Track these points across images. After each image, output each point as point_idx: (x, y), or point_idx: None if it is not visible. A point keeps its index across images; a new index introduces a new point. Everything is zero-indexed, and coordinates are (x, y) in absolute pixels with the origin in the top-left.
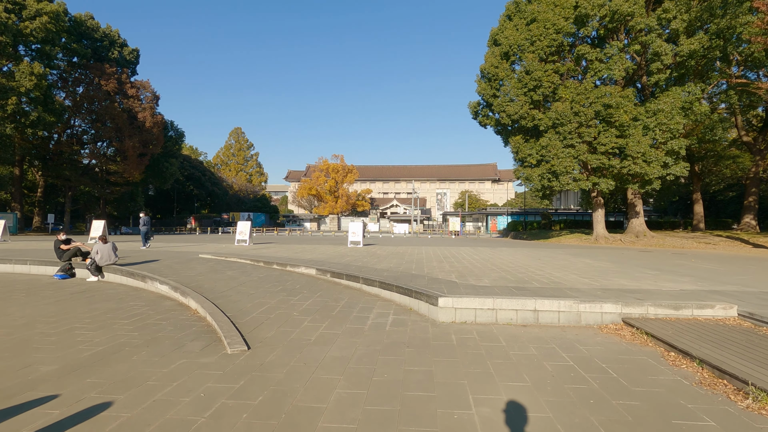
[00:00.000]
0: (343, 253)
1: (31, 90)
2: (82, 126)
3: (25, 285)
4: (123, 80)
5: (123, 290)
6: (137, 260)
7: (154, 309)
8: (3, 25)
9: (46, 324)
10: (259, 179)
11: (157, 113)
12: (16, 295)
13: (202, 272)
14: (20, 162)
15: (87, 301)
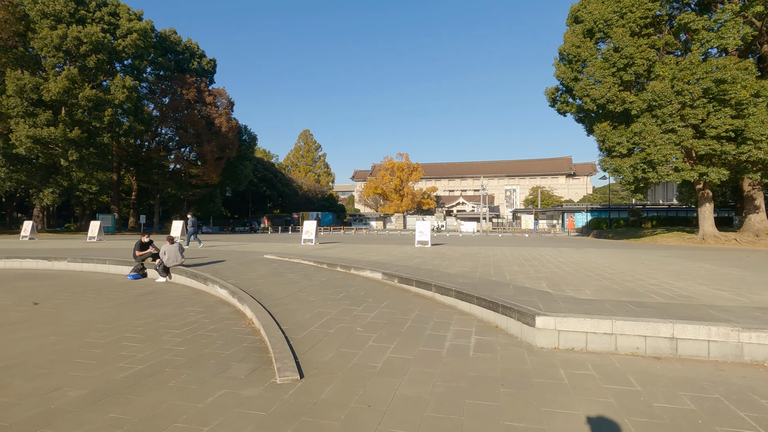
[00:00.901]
0: (411, 254)
1: (124, 102)
2: (168, 133)
3: (99, 285)
4: (202, 89)
5: (185, 293)
6: (205, 260)
7: (209, 317)
8: (100, 44)
9: (98, 332)
10: (327, 179)
11: (231, 119)
12: (86, 296)
13: (264, 275)
14: (117, 168)
15: (146, 305)
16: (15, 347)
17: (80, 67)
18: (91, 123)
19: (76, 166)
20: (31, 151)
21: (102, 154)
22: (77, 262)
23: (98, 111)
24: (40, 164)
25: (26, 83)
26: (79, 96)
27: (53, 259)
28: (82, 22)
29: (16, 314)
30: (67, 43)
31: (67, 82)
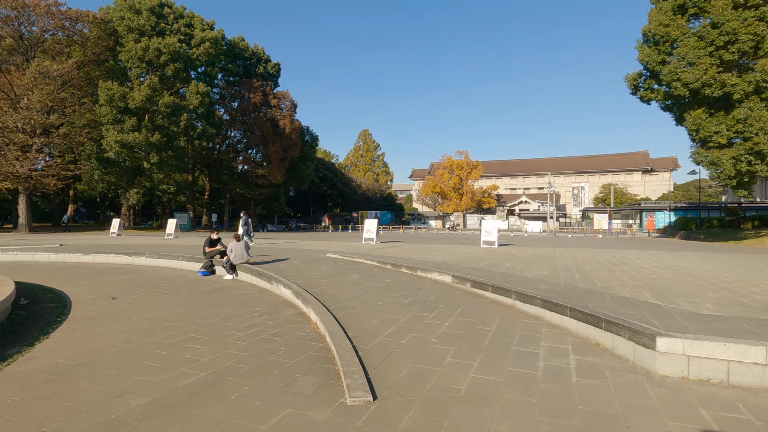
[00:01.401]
0: (478, 256)
1: (198, 107)
2: (237, 136)
3: (172, 281)
4: (267, 92)
5: (249, 292)
6: (269, 258)
7: (273, 318)
8: (177, 53)
9: (166, 331)
10: (385, 178)
11: (294, 120)
12: (159, 292)
13: (327, 275)
14: (192, 170)
15: (213, 303)
16: (88, 344)
17: (160, 76)
18: (170, 128)
19: (157, 168)
20: (119, 155)
21: (179, 156)
22: (154, 258)
23: (175, 116)
24: (126, 167)
25: (115, 93)
26: (159, 103)
27: (134, 255)
28: (162, 34)
29: (96, 309)
30: (149, 54)
31: (149, 90)
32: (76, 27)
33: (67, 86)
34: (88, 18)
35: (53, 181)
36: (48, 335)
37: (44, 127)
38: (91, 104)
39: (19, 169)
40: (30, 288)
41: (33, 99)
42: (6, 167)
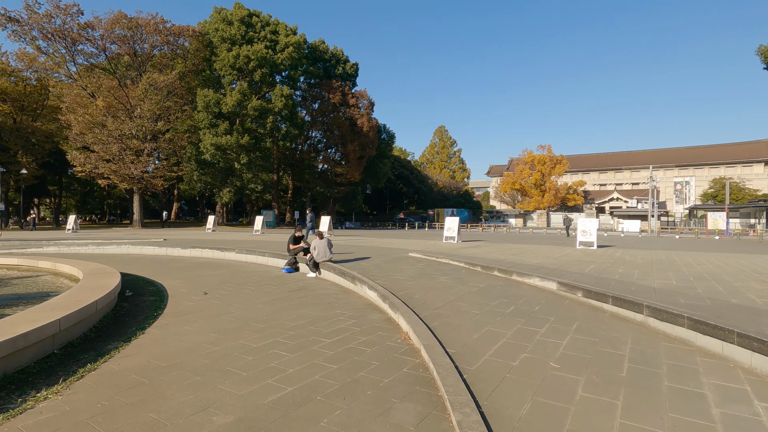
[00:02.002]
0: (578, 258)
1: (282, 109)
2: (317, 136)
3: (258, 277)
4: (345, 92)
5: (333, 291)
6: (351, 257)
7: (359, 324)
8: (264, 59)
9: (253, 332)
10: (462, 175)
11: (372, 118)
12: (246, 288)
13: (412, 276)
14: (277, 170)
15: (297, 303)
16: (178, 343)
17: (249, 81)
18: (257, 130)
19: (246, 168)
20: (214, 157)
21: (265, 157)
22: (243, 254)
23: (262, 119)
24: (220, 168)
25: (210, 99)
26: (248, 107)
27: (225, 250)
28: (251, 42)
29: (188, 304)
30: (239, 62)
31: (240, 95)
32: (179, 41)
33: (171, 95)
34: (189, 32)
35: (160, 181)
36: (144, 331)
37: (153, 133)
38: (191, 111)
39: (133, 171)
40: (135, 280)
41: (144, 108)
42: (124, 170)
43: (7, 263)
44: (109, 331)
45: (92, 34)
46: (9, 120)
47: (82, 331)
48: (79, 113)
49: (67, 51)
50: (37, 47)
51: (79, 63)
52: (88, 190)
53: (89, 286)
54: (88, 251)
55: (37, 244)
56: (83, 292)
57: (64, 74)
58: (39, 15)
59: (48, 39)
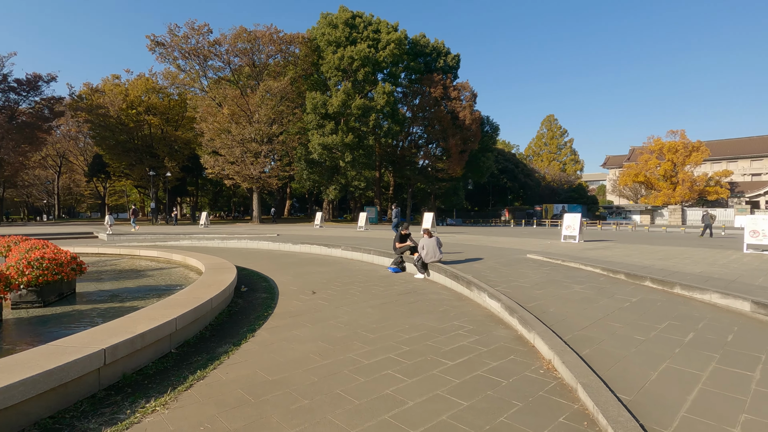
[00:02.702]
0: (755, 266)
1: (384, 106)
2: (418, 132)
3: (365, 276)
4: (447, 85)
5: (446, 297)
6: (460, 257)
7: (484, 342)
8: (367, 58)
9: (363, 344)
10: (574, 168)
11: (474, 111)
12: (353, 288)
13: (538, 283)
14: (379, 167)
15: (408, 309)
16: (286, 351)
17: (352, 81)
18: (360, 128)
19: (350, 166)
20: (321, 156)
21: (368, 154)
22: (348, 251)
23: (365, 117)
24: (327, 166)
25: (318, 101)
26: (352, 106)
27: (331, 247)
28: (354, 43)
29: (297, 304)
30: (343, 63)
31: (344, 95)
32: (290, 49)
33: (284, 100)
34: (298, 39)
35: (275, 180)
36: (254, 333)
37: (269, 136)
38: (301, 113)
39: (253, 171)
40: (250, 275)
41: (261, 113)
42: (245, 171)
43: (149, 255)
44: (223, 330)
45: (219, 50)
46: (158, 131)
47: (198, 329)
48: (210, 121)
49: (200, 67)
50: (178, 66)
51: (210, 77)
52: (218, 190)
53: (207, 281)
54: (213, 245)
55: (175, 237)
56: (201, 288)
57: (198, 88)
58: (178, 37)
59: (185, 58)
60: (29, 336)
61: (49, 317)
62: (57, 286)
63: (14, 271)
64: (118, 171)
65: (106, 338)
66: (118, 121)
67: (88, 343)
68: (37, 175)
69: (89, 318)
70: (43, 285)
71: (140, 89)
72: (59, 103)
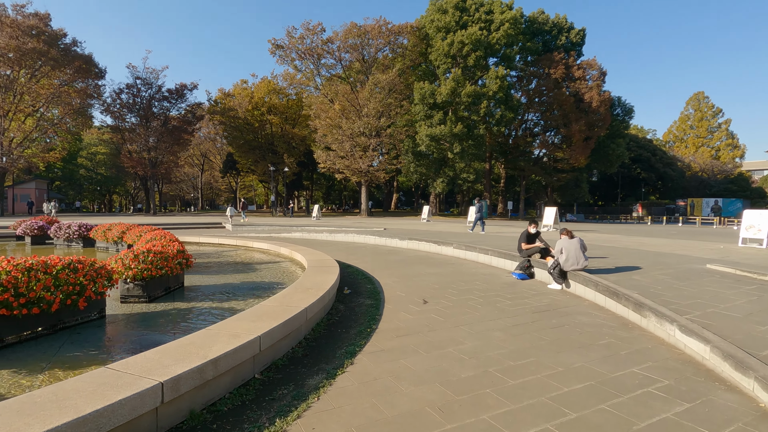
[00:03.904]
0: None
1: (497, 92)
2: (533, 119)
3: (484, 282)
4: (570, 64)
5: (602, 321)
6: (608, 264)
7: (705, 418)
8: (478, 41)
9: (500, 397)
10: (731, 154)
11: (603, 91)
12: (472, 298)
13: (753, 312)
14: (489, 158)
15: (553, 338)
16: (393, 397)
17: (462, 67)
18: (470, 117)
19: (459, 157)
20: (428, 148)
21: (478, 145)
22: (461, 249)
23: (475, 105)
24: (434, 158)
25: (426, 91)
26: (462, 94)
27: (441, 244)
28: (465, 27)
29: (405, 318)
30: (453, 49)
31: (453, 83)
32: (398, 40)
33: (392, 93)
34: (407, 29)
35: (382, 174)
36: (353, 358)
37: (377, 130)
38: (408, 105)
39: (361, 165)
40: (354, 274)
41: (370, 107)
42: (354, 164)
43: (261, 247)
44: (318, 348)
45: (331, 47)
46: (278, 129)
47: (289, 346)
48: (322, 118)
49: (315, 66)
50: (295, 66)
51: (323, 75)
52: (330, 184)
53: (307, 283)
54: (322, 238)
55: (288, 229)
56: (298, 293)
57: (313, 86)
58: (295, 38)
59: (301, 58)
60: (120, 338)
61: (147, 315)
62: (164, 280)
63: (121, 264)
64: (245, 167)
65: (171, 364)
66: (245, 121)
67: (150, 369)
68: (185, 173)
69: (184, 320)
70: (149, 279)
71: (263, 91)
72: (200, 109)
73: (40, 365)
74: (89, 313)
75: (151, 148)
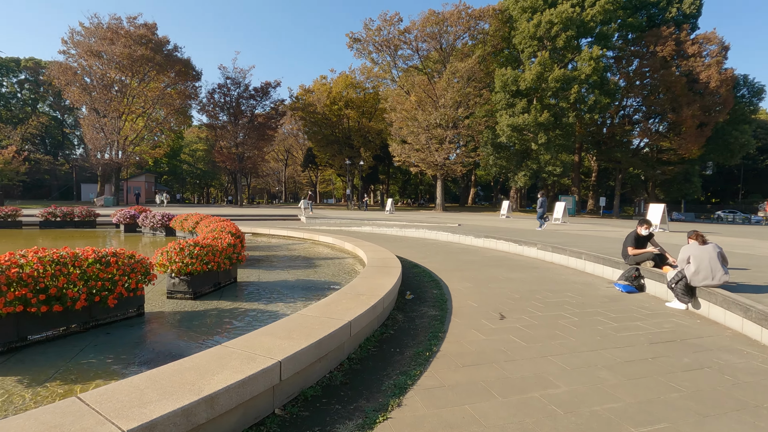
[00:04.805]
0: None
1: (590, 75)
2: (633, 105)
3: (578, 294)
4: (681, 40)
5: (760, 364)
6: (749, 279)
7: None
8: (569, 20)
9: None
10: None
11: (724, 69)
12: (563, 315)
13: None
14: (579, 149)
15: (692, 389)
16: None
17: (550, 50)
18: (558, 104)
19: (544, 149)
20: (510, 139)
21: (566, 135)
22: (548, 251)
23: (564, 90)
24: (515, 150)
25: (508, 78)
26: (549, 79)
27: (523, 244)
28: (554, 5)
29: (477, 338)
30: (540, 30)
31: (539, 67)
32: (478, 26)
33: (471, 81)
34: (489, 12)
35: (459, 167)
36: (401, 398)
37: (454, 121)
38: (488, 94)
39: (437, 158)
40: (420, 276)
41: (447, 97)
42: (429, 157)
43: (326, 242)
44: (363, 373)
45: (408, 38)
46: (355, 123)
47: (327, 369)
48: (398, 110)
49: (391, 58)
50: (372, 59)
51: (399, 66)
52: (406, 178)
53: (359, 288)
54: (391, 233)
55: (359, 222)
56: (345, 300)
57: (389, 79)
58: (372, 31)
59: (378, 50)
60: (146, 343)
61: (185, 316)
62: (211, 276)
63: (165, 257)
64: (323, 161)
65: (155, 399)
66: (323, 116)
67: (125, 407)
68: (271, 167)
69: (220, 324)
70: (194, 274)
71: (341, 86)
72: (283, 105)
73: (47, 373)
74: (125, 310)
75: (239, 144)
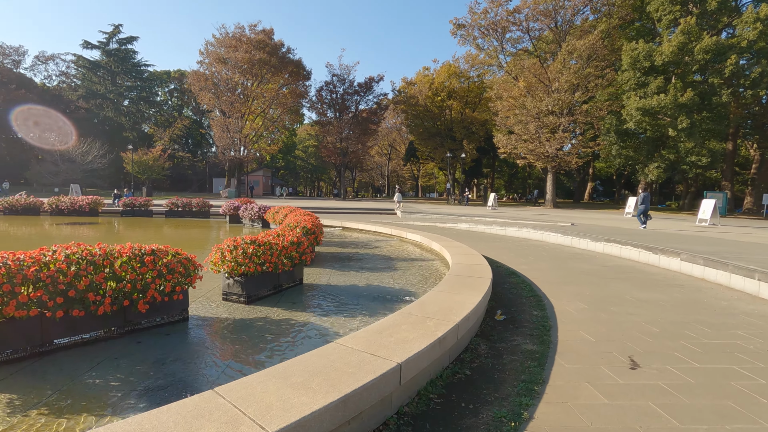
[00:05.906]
0: None
1: (754, 42)
2: None
3: (757, 335)
4: None
5: None
6: None
7: None
8: None
9: None
10: None
11: None
12: (737, 367)
13: None
14: (734, 135)
15: None
16: None
17: (698, 15)
18: (707, 80)
19: (685, 135)
20: (639, 125)
21: (717, 118)
22: (698, 264)
23: (716, 63)
24: (646, 138)
25: (640, 53)
26: (695, 50)
27: (659, 252)
28: None
29: (593, 395)
30: None
31: (682, 37)
32: None
33: (592, 60)
34: None
35: (574, 158)
36: None
37: (569, 106)
38: (613, 75)
39: (548, 149)
40: (517, 288)
41: (562, 80)
42: (539, 148)
43: (414, 240)
44: None
45: (518, 18)
46: (457, 114)
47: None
48: (504, 98)
49: (498, 43)
50: (477, 45)
51: (507, 51)
52: (513, 172)
53: (429, 307)
54: (489, 231)
55: (456, 219)
56: (404, 325)
57: (496, 65)
58: (477, 14)
59: (484, 35)
60: (168, 362)
61: (230, 325)
62: (270, 277)
63: (219, 255)
64: (424, 155)
65: None
66: (425, 108)
67: None
68: (375, 162)
69: (262, 340)
70: (248, 276)
71: (443, 76)
72: (386, 99)
73: (42, 394)
74: (165, 314)
75: (343, 138)
